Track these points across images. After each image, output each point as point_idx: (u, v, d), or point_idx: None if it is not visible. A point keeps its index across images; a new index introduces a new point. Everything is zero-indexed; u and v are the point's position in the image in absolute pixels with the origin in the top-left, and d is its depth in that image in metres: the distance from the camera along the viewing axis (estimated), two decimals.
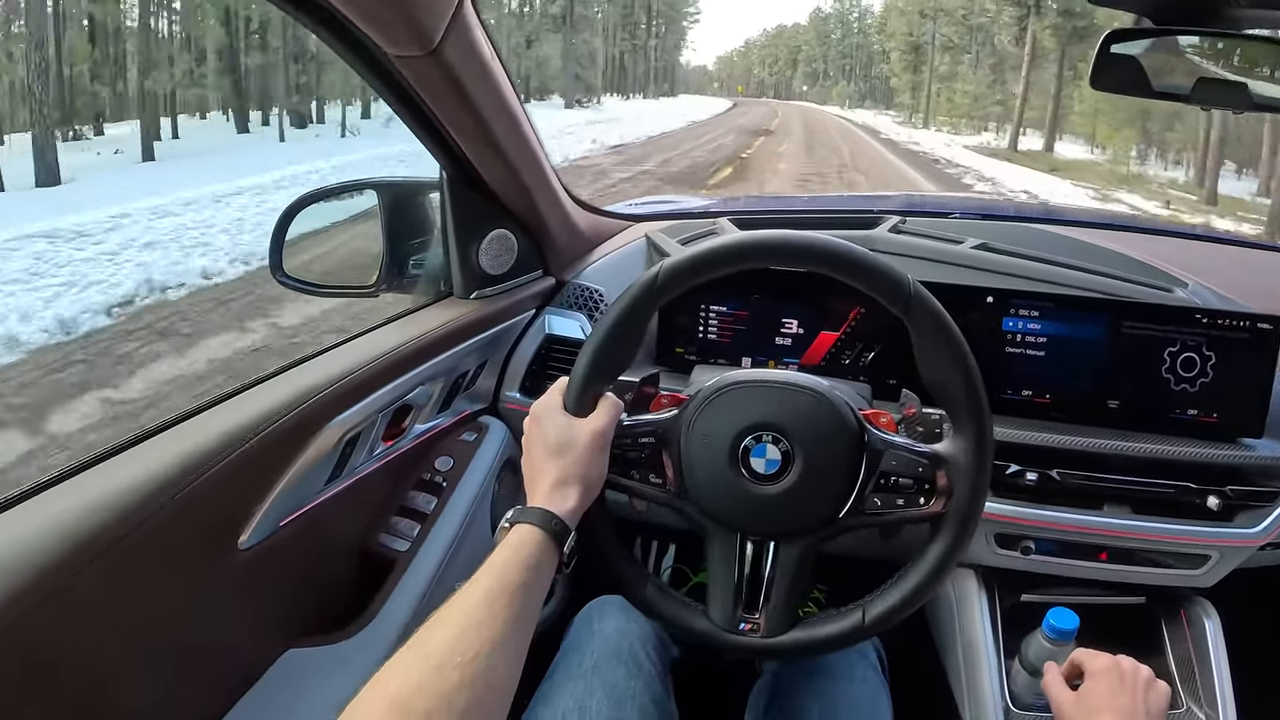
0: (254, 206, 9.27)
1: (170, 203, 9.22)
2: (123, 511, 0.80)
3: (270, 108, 24.54)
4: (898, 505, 0.90)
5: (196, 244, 7.61)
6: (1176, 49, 1.14)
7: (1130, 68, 1.13)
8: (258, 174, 11.35)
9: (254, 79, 24.90)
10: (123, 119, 21.32)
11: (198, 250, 7.33)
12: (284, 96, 23.59)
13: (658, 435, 0.93)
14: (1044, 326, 1.29)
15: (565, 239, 1.50)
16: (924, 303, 0.88)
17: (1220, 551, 1.22)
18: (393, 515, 1.25)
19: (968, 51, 45.53)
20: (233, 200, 9.64)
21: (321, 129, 23.53)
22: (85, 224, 8.02)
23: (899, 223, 1.50)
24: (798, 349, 1.38)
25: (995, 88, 40.00)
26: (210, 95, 24.78)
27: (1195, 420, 1.27)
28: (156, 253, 7.31)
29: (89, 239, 7.61)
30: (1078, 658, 0.97)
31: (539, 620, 0.89)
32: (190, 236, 7.91)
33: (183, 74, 23.14)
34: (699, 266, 0.90)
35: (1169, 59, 1.14)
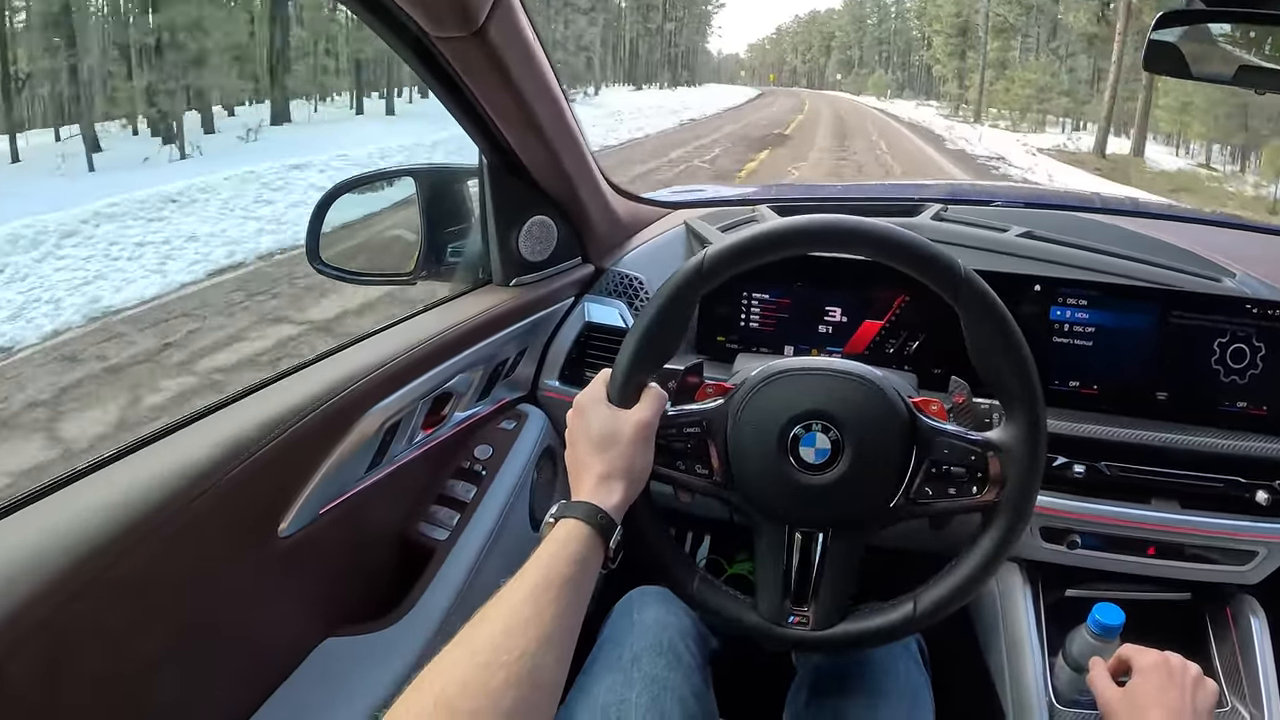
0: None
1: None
2: (162, 499, 0.80)
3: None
4: (949, 494, 0.89)
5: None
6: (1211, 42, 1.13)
7: (1167, 56, 1.12)
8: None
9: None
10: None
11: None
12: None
13: (704, 425, 0.92)
14: (1092, 316, 1.27)
15: (605, 226, 1.49)
16: (975, 287, 0.86)
17: (1268, 547, 1.20)
18: (432, 504, 1.25)
19: (1026, 34, 41.42)
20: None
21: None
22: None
23: (941, 210, 1.48)
24: (841, 337, 1.37)
25: (1061, 76, 35.39)
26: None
27: (1245, 413, 1.25)
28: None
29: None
30: (1125, 653, 0.96)
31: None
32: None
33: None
34: (745, 252, 0.89)
35: (1217, 41, 1.13)
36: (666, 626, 1.07)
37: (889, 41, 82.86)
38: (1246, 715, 1.18)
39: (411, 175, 1.33)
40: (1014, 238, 1.38)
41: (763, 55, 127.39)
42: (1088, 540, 1.24)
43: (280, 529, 0.95)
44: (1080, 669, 1.12)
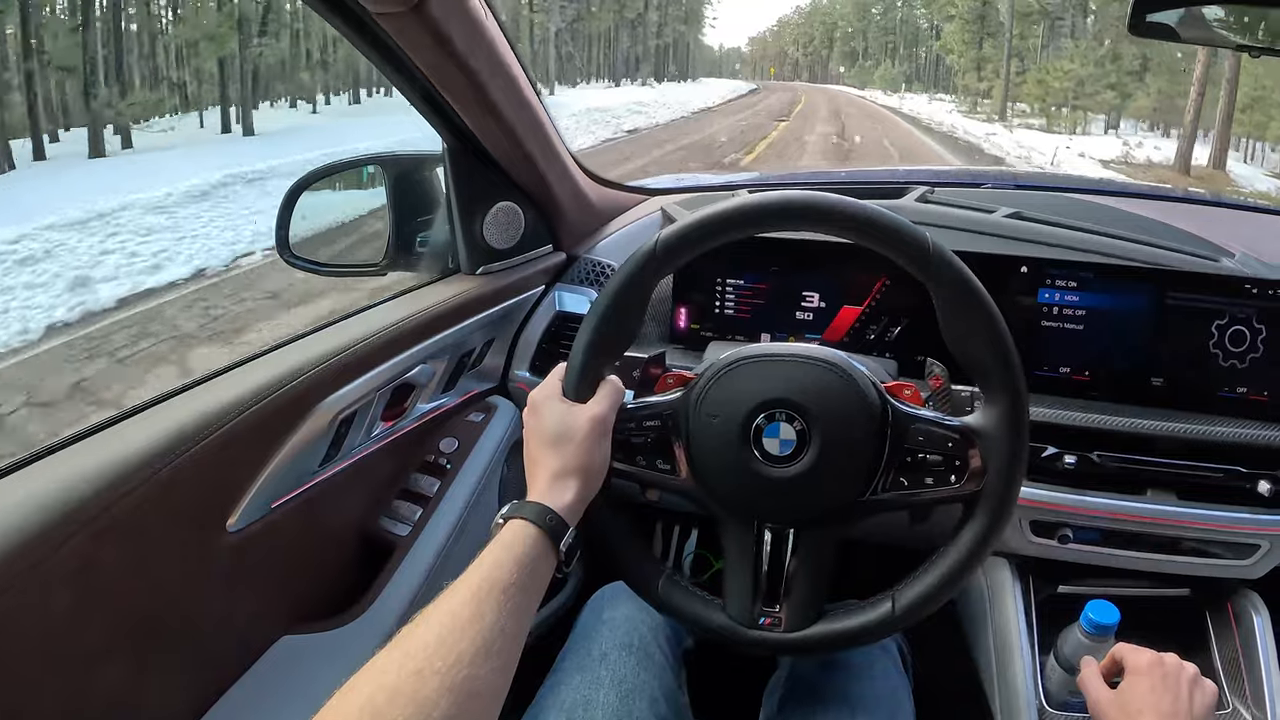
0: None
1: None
2: (96, 491, 0.79)
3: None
4: (927, 485, 0.85)
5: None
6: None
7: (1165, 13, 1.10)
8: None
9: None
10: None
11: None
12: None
13: (664, 418, 0.88)
14: (1083, 298, 1.23)
15: (576, 212, 1.47)
16: (946, 261, 0.82)
17: (1271, 540, 1.16)
18: (394, 498, 1.23)
19: (1059, 17, 36.85)
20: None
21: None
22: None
23: (927, 192, 1.44)
24: (820, 324, 1.34)
25: (1107, 67, 29.79)
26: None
27: (1245, 399, 1.21)
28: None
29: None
30: (1118, 653, 0.92)
31: (552, 609, 0.86)
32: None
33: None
34: (700, 232, 0.85)
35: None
36: (637, 624, 1.05)
37: (895, 31, 77.76)
38: (1249, 716, 1.15)
39: (379, 163, 1.31)
40: (1001, 218, 1.34)
41: (764, 48, 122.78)
42: (1080, 534, 1.21)
43: (229, 523, 0.94)
44: (1072, 669, 1.08)
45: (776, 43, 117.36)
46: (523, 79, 1.20)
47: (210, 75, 21.18)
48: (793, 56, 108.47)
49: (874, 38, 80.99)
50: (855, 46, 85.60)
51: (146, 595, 0.86)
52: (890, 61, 74.53)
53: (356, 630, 1.08)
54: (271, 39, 22.58)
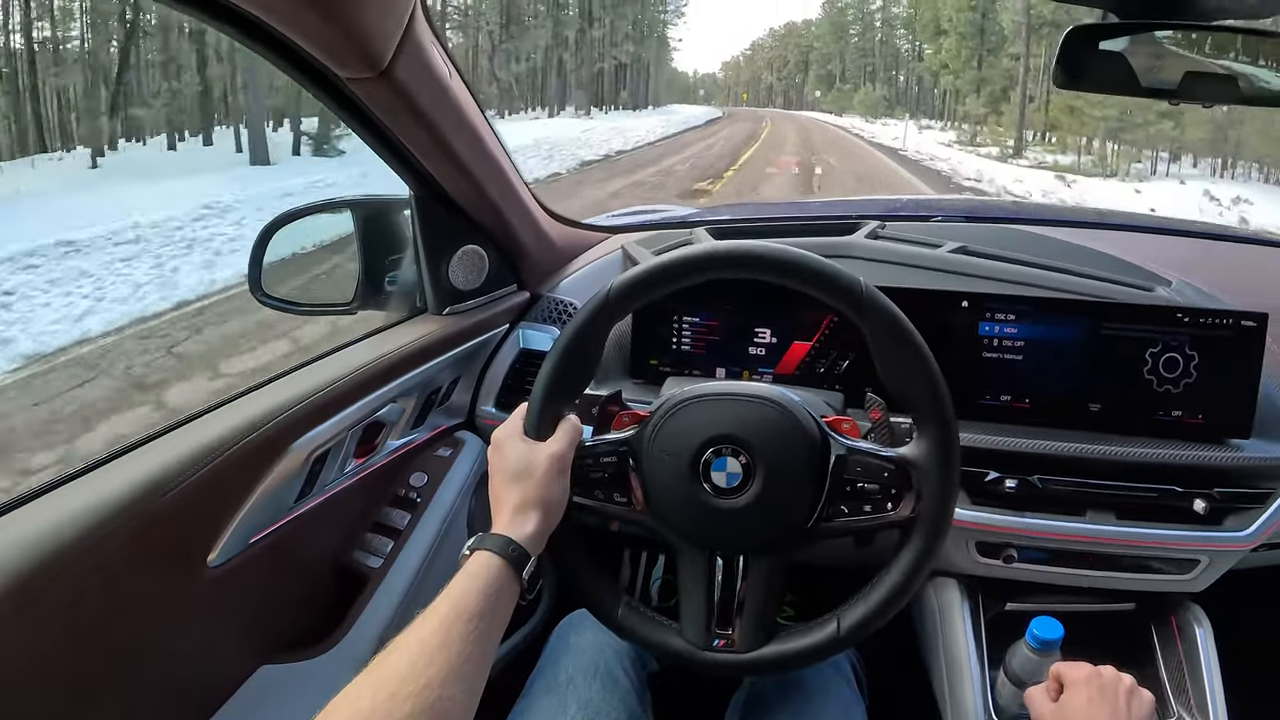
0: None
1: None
2: (85, 533, 0.82)
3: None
4: (866, 512, 0.90)
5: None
6: (1154, 43, 1.12)
7: (1107, 64, 1.11)
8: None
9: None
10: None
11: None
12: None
13: (620, 454, 0.94)
14: (1021, 330, 1.28)
15: (539, 253, 1.51)
16: (877, 304, 0.88)
17: (1210, 555, 1.21)
18: (366, 532, 1.27)
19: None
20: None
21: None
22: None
23: (877, 228, 1.50)
24: (771, 359, 1.39)
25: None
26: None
27: (1180, 421, 1.25)
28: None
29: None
30: (1057, 669, 0.97)
31: (521, 635, 0.90)
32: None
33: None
34: (649, 282, 0.92)
35: (1148, 53, 1.13)
36: (602, 649, 1.09)
37: (873, 53, 73.52)
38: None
39: (349, 207, 1.35)
40: (946, 254, 1.41)
41: (737, 73, 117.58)
42: (1026, 554, 1.25)
43: (209, 559, 0.97)
44: (1022, 684, 1.13)
45: (750, 67, 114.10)
46: (486, 131, 1.25)
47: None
48: (766, 81, 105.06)
49: (851, 60, 77.12)
50: (832, 69, 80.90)
51: (131, 631, 0.89)
52: (870, 85, 69.86)
53: (332, 659, 1.12)
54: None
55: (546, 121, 36.79)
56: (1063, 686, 0.94)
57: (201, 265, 7.64)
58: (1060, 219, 1.76)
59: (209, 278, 7.20)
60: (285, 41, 0.92)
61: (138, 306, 6.51)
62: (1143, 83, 1.08)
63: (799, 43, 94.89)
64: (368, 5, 0.89)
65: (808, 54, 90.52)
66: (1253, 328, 1.22)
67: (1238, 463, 1.22)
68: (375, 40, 0.95)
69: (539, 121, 36.69)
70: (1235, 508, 1.20)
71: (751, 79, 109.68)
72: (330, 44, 0.93)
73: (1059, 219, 1.76)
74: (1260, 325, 1.22)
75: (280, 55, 0.95)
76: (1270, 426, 1.25)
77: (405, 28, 0.98)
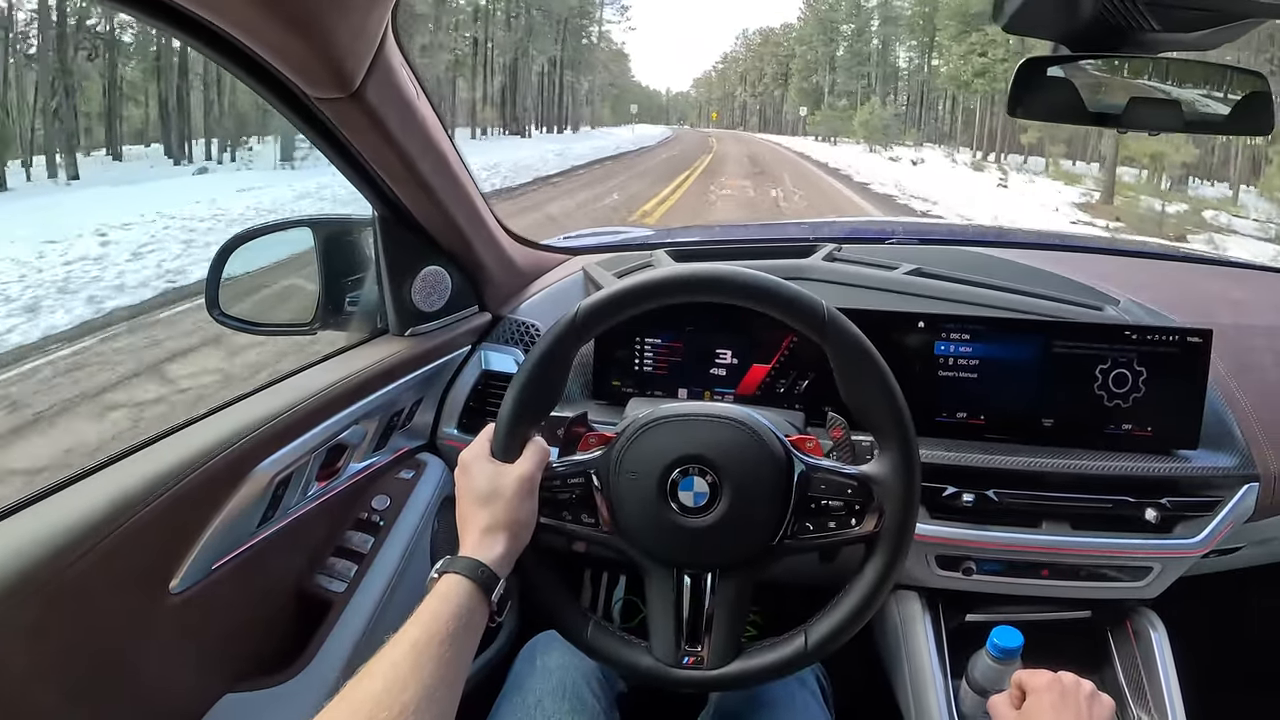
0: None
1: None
2: (45, 558, 0.82)
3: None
4: (830, 528, 0.94)
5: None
6: (1096, 74, 1.18)
7: (1056, 92, 1.17)
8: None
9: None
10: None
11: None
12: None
13: (587, 475, 0.96)
14: (976, 349, 1.33)
15: (501, 274, 1.54)
16: (839, 326, 0.92)
17: (1162, 563, 1.27)
18: (330, 556, 1.27)
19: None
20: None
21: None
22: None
23: (834, 250, 1.56)
24: (733, 379, 1.43)
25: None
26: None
27: (1130, 435, 1.31)
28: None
29: None
30: (1018, 677, 1.00)
31: (488, 657, 0.91)
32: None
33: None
34: (615, 306, 0.95)
35: (1094, 80, 1.19)
36: (569, 670, 1.10)
37: (869, 60, 60.46)
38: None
39: (309, 226, 1.36)
40: (902, 276, 1.47)
41: (709, 90, 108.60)
42: (985, 566, 1.30)
43: (171, 586, 0.97)
44: (984, 693, 1.18)
45: (722, 83, 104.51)
46: (452, 153, 1.28)
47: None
48: (740, 98, 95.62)
49: (844, 67, 63.24)
50: (818, 81, 67.05)
51: (94, 658, 0.88)
52: (878, 100, 53.16)
53: (297, 687, 1.12)
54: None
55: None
56: (1025, 694, 0.97)
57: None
58: (1011, 240, 1.84)
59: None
60: (257, 60, 0.94)
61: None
62: (1089, 109, 1.12)
63: (776, 52, 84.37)
64: (341, 27, 0.91)
65: (788, 63, 79.28)
66: (1198, 344, 1.28)
67: (1186, 473, 1.28)
68: (347, 61, 0.97)
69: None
70: (1185, 516, 1.27)
71: (725, 95, 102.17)
72: (303, 64, 0.95)
73: (1010, 240, 1.84)
74: (1205, 341, 1.28)
75: (251, 73, 0.97)
76: (1216, 438, 1.32)
77: (376, 49, 1.00)
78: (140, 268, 7.99)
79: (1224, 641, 1.66)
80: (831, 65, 64.94)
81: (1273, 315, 1.59)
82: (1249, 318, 1.54)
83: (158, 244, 9.11)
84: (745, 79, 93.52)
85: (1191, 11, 1.00)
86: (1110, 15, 1.01)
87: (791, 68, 75.56)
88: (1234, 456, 1.30)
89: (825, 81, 65.05)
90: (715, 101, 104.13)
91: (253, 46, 0.91)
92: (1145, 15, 1.00)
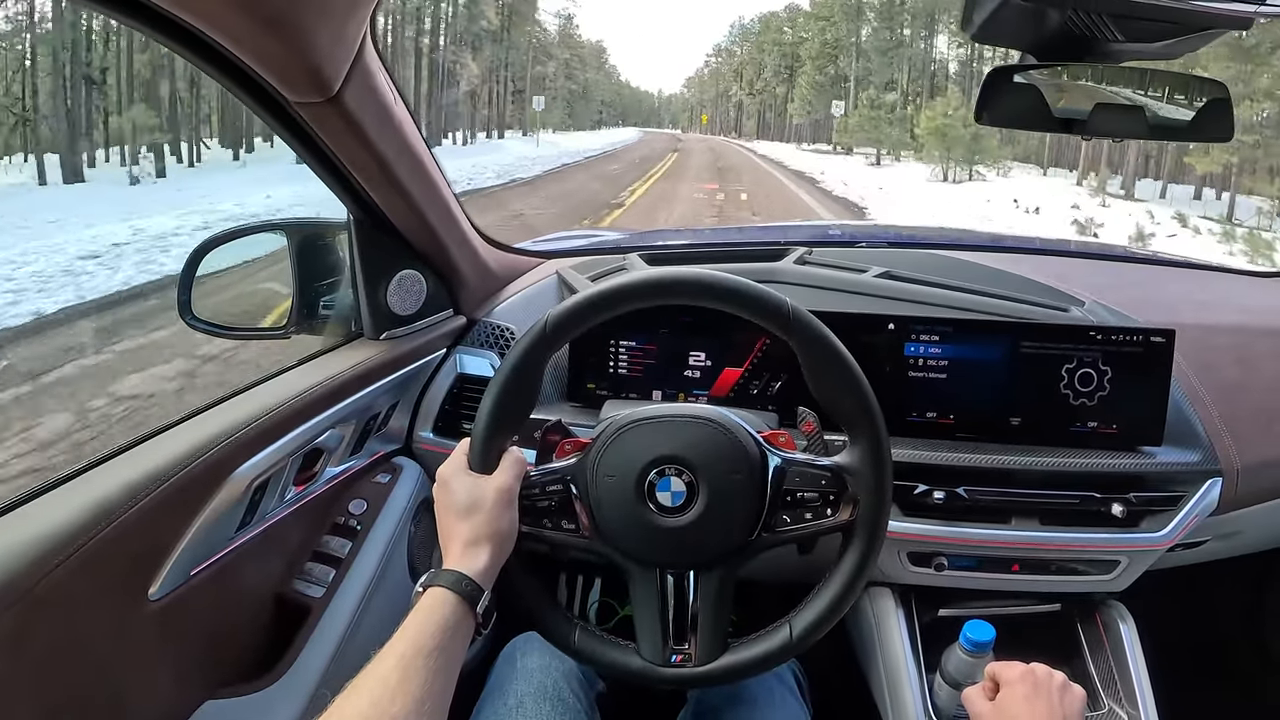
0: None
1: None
2: (25, 566, 0.82)
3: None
4: (807, 520, 0.97)
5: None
6: (1062, 81, 1.22)
7: (1022, 99, 1.20)
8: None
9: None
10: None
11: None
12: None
13: (565, 482, 0.99)
14: (945, 350, 1.38)
15: (475, 278, 1.55)
16: (804, 323, 0.95)
17: (1129, 556, 1.32)
18: (307, 561, 1.28)
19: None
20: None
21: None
22: None
23: (805, 254, 1.60)
24: (706, 381, 1.46)
25: None
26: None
27: (1096, 432, 1.36)
28: None
29: None
30: (992, 670, 1.03)
31: (466, 660, 0.91)
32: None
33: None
34: (586, 312, 0.97)
35: (1060, 87, 1.23)
36: (550, 671, 1.12)
37: (903, 46, 47.33)
38: (1124, 716, 1.29)
39: (283, 230, 1.37)
40: (872, 278, 1.52)
41: (701, 90, 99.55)
42: (956, 561, 1.35)
43: (150, 592, 0.98)
44: (958, 686, 1.22)
45: (715, 82, 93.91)
46: (428, 157, 1.30)
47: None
48: (736, 97, 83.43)
49: (876, 49, 48.89)
50: (842, 69, 51.41)
51: (74, 666, 0.89)
52: (956, 95, 35.50)
53: (277, 693, 1.12)
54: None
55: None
56: (999, 685, 1.00)
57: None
58: (979, 244, 1.89)
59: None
60: (237, 64, 0.95)
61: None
62: (1055, 115, 1.15)
63: (780, 40, 68.75)
64: (321, 31, 0.93)
65: (795, 51, 63.66)
66: (1161, 344, 1.33)
67: (1151, 469, 1.33)
68: (327, 66, 0.99)
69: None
70: (1151, 511, 1.32)
71: (719, 95, 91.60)
72: (283, 69, 0.97)
73: (978, 244, 1.89)
74: (1168, 341, 1.33)
75: (230, 77, 0.98)
76: (1180, 435, 1.37)
77: (355, 54, 1.02)
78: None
79: (1193, 633, 1.72)
80: (855, 49, 50.78)
81: (1235, 315, 1.64)
82: (1211, 318, 1.59)
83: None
84: (741, 75, 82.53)
85: (1154, 23, 1.04)
86: (1076, 26, 1.04)
87: (802, 54, 60.97)
88: (1198, 452, 1.35)
89: (851, 70, 49.96)
90: (708, 103, 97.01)
91: (233, 51, 0.92)
92: (1109, 26, 1.04)
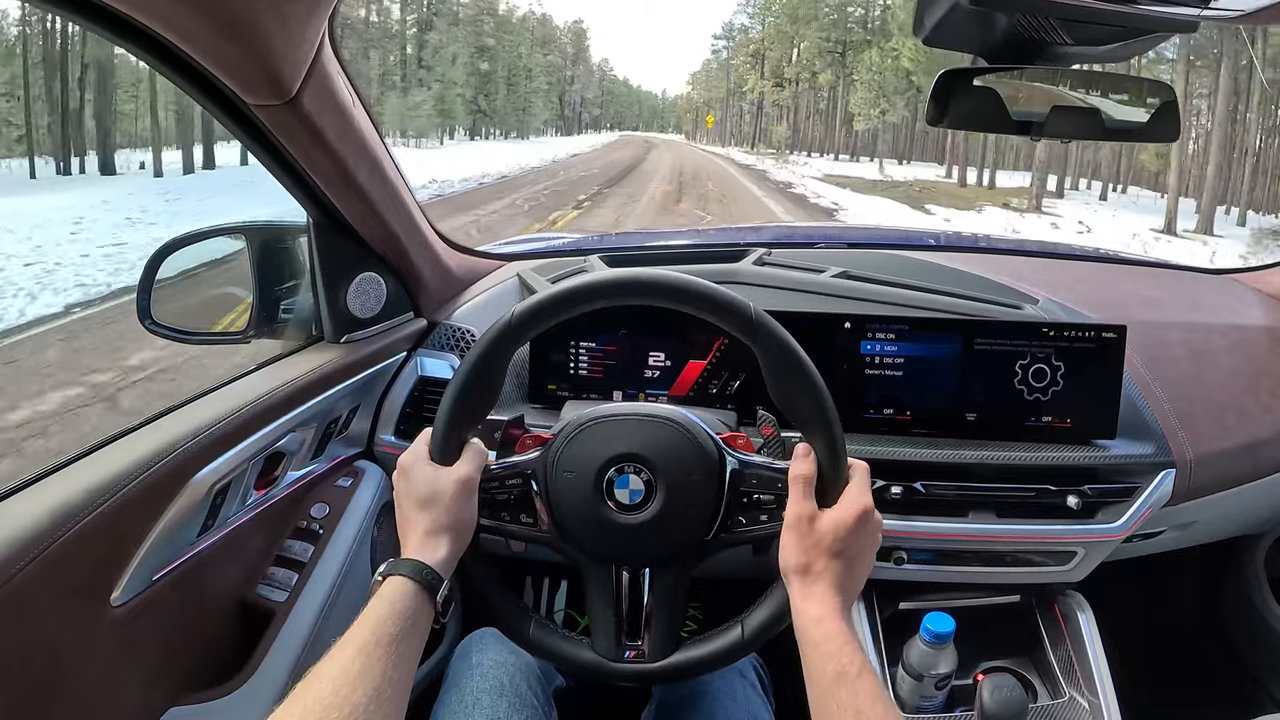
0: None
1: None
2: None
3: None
4: (762, 521, 0.99)
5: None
6: (1019, 84, 1.25)
7: (979, 101, 1.18)
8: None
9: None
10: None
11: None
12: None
13: (525, 476, 1.01)
14: (901, 348, 1.42)
15: (436, 280, 1.58)
16: (766, 326, 0.97)
17: (1085, 547, 1.37)
18: (270, 565, 1.29)
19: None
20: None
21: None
22: None
23: (764, 254, 1.64)
24: (666, 381, 1.49)
25: None
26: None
27: (1050, 426, 1.41)
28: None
29: None
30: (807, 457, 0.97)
31: (433, 661, 0.94)
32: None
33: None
34: (549, 309, 0.99)
35: (1017, 89, 1.27)
36: (506, 666, 1.14)
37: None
38: (1085, 704, 1.34)
39: (243, 232, 1.38)
40: (830, 278, 1.56)
41: (708, 87, 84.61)
42: (915, 555, 1.39)
43: (112, 598, 0.99)
44: (919, 677, 1.27)
45: (723, 77, 77.49)
46: (387, 160, 1.32)
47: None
48: (755, 93, 63.77)
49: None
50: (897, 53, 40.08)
51: (37, 673, 0.90)
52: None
53: (242, 698, 1.15)
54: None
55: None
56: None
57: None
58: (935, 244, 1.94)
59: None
60: (194, 66, 0.97)
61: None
62: (1013, 117, 1.18)
63: (816, 11, 52.02)
64: (279, 34, 0.95)
65: (843, 12, 48.96)
66: (1113, 339, 1.39)
67: (1105, 461, 1.38)
68: (284, 68, 1.01)
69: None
70: (1106, 502, 1.37)
71: (732, 92, 74.15)
72: (240, 71, 0.99)
73: (934, 244, 1.94)
74: (1120, 337, 1.38)
75: (188, 79, 1.00)
76: (1133, 428, 1.42)
77: (314, 56, 1.04)
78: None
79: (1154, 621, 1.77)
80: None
81: (1185, 311, 1.70)
82: (1162, 314, 1.65)
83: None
84: (763, 59, 62.92)
85: (1101, 26, 1.07)
86: (1024, 30, 1.08)
87: (850, 21, 47.00)
88: (1150, 445, 1.41)
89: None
90: (716, 103, 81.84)
91: (190, 52, 0.94)
92: (1058, 30, 1.08)
